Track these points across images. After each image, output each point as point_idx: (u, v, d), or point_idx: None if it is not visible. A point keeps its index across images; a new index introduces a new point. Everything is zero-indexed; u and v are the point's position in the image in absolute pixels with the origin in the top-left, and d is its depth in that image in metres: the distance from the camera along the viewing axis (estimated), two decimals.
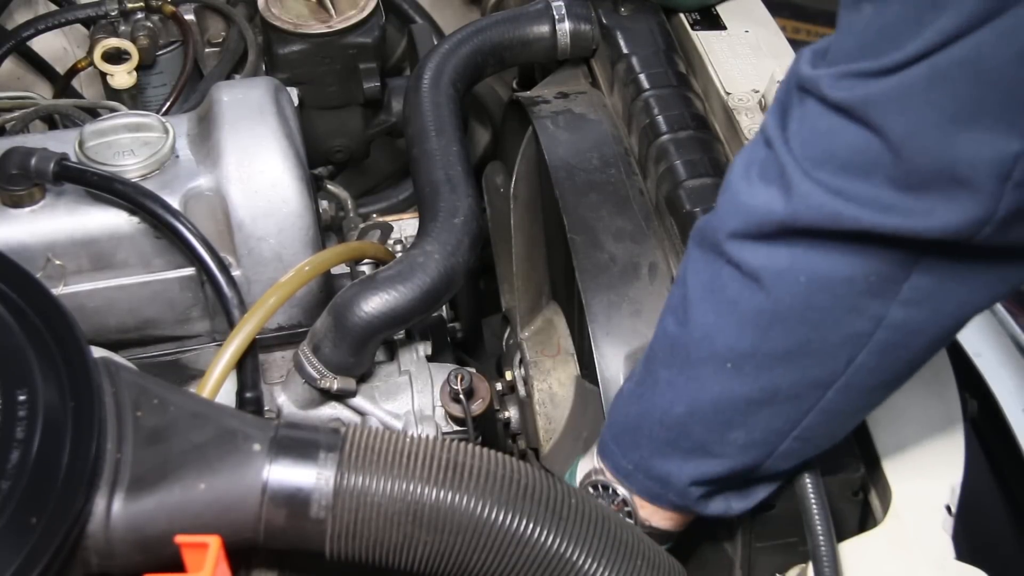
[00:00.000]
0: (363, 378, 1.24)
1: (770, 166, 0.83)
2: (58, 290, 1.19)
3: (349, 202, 1.59)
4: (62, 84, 1.83)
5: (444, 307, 1.41)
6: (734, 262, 0.87)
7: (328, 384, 1.18)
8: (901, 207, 0.77)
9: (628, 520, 1.03)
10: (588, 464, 1.08)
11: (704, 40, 1.42)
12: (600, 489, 1.05)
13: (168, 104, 1.64)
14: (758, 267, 0.86)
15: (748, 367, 0.90)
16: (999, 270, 0.82)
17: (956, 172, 0.74)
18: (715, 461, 0.96)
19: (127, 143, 1.23)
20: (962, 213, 0.75)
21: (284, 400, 1.24)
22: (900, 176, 0.76)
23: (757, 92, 1.32)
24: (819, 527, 0.97)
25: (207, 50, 1.80)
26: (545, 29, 1.49)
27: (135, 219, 1.20)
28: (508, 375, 1.46)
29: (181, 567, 0.83)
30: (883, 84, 0.75)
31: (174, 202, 1.19)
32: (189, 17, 1.77)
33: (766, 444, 0.94)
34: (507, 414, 1.42)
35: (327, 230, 1.46)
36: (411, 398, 1.25)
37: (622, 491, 1.03)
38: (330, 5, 1.70)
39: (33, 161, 1.16)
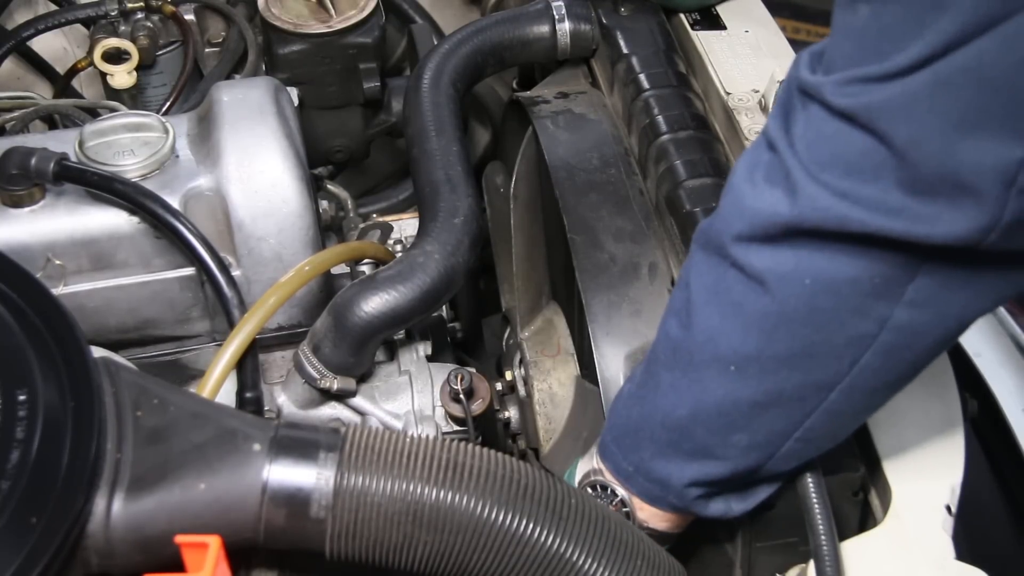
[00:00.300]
0: (363, 378, 1.24)
1: (775, 169, 0.83)
2: (58, 290, 1.19)
3: (349, 202, 1.59)
4: (62, 84, 1.83)
5: (444, 307, 1.41)
6: (739, 265, 0.87)
7: (328, 384, 1.18)
8: (908, 212, 0.77)
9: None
10: (588, 465, 1.08)
11: (704, 40, 1.42)
12: (599, 490, 1.05)
13: (168, 104, 1.64)
14: (763, 269, 0.85)
15: (752, 370, 0.90)
16: (1004, 274, 0.82)
17: (961, 179, 0.74)
18: (717, 463, 0.96)
19: (127, 143, 1.23)
20: (968, 220, 0.75)
21: (284, 400, 1.24)
22: (906, 181, 0.76)
23: (757, 92, 1.32)
24: (821, 526, 0.97)
25: (207, 50, 1.80)
26: (545, 29, 1.49)
27: (135, 219, 1.20)
28: (508, 375, 1.46)
29: (181, 567, 0.83)
30: (886, 90, 0.75)
31: (174, 202, 1.19)
32: (189, 17, 1.77)
33: (769, 446, 0.94)
34: (507, 414, 1.42)
35: (327, 230, 1.46)
36: (411, 398, 1.25)
37: (621, 492, 1.03)
38: (330, 5, 1.70)
39: (33, 161, 1.16)
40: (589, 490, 1.06)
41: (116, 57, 1.69)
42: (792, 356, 0.88)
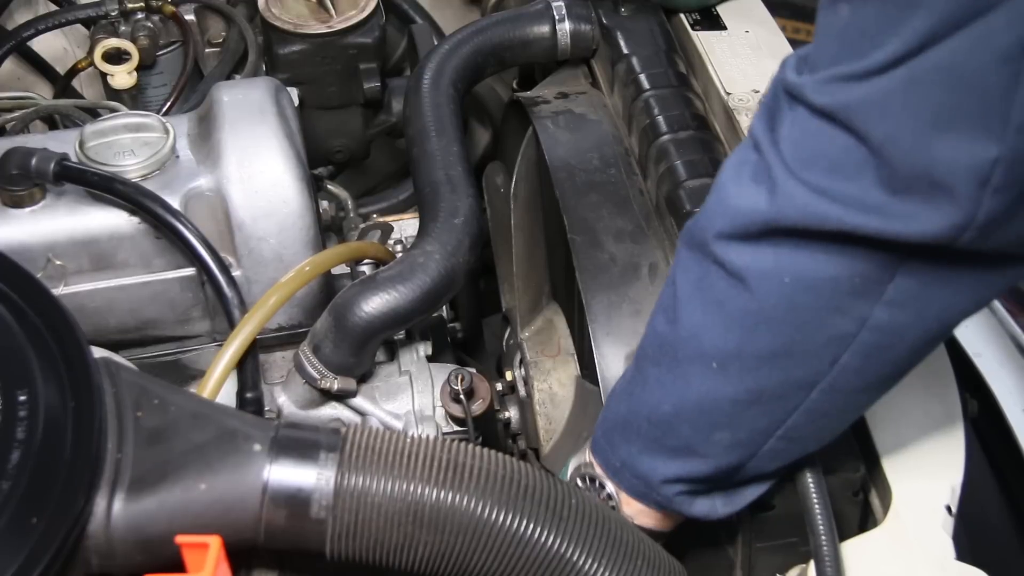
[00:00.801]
0: (363, 378, 1.24)
1: (759, 168, 0.84)
2: (58, 290, 1.19)
3: (349, 202, 1.59)
4: (62, 84, 1.83)
5: (444, 307, 1.41)
6: (720, 262, 0.88)
7: (328, 384, 1.18)
8: (885, 210, 0.77)
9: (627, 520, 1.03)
10: (580, 458, 1.09)
11: (704, 40, 1.42)
12: (588, 481, 1.06)
13: (168, 104, 1.64)
14: (743, 267, 0.86)
15: (733, 367, 0.90)
16: (983, 275, 0.82)
17: (935, 177, 0.74)
18: (700, 460, 0.97)
19: (127, 143, 1.23)
20: (942, 218, 0.76)
21: (284, 400, 1.24)
22: (884, 179, 0.77)
23: (757, 92, 1.32)
24: (821, 526, 0.97)
25: (207, 50, 1.80)
26: (545, 29, 1.49)
27: (135, 219, 1.20)
28: (508, 375, 1.46)
29: (181, 567, 0.83)
30: (864, 89, 0.75)
31: (174, 202, 1.19)
32: (189, 17, 1.76)
33: (751, 444, 0.95)
34: (507, 414, 1.42)
35: (327, 230, 1.46)
36: (411, 398, 1.25)
37: (609, 486, 1.04)
38: (330, 5, 1.70)
39: (33, 161, 1.16)
40: (579, 482, 1.06)
41: (116, 57, 1.69)
42: (772, 354, 0.89)
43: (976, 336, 1.46)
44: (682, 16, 1.48)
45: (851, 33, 0.77)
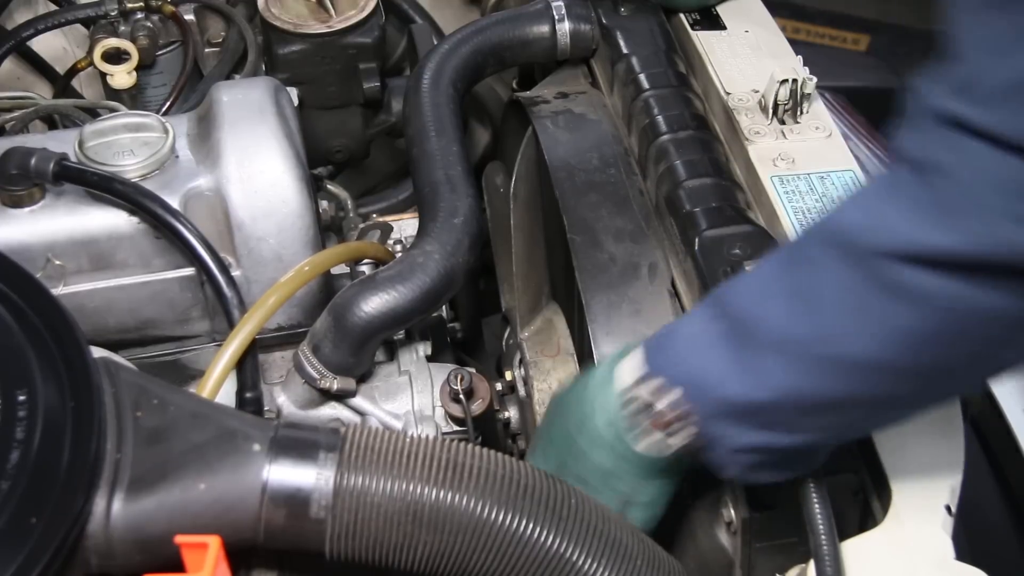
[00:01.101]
0: (363, 378, 1.24)
1: (933, 197, 0.78)
2: (58, 290, 1.19)
3: (349, 202, 1.59)
4: (62, 84, 1.83)
5: (444, 307, 1.41)
6: (879, 277, 0.82)
7: (328, 384, 1.18)
8: None
9: (630, 524, 1.02)
10: (637, 369, 1.00)
11: (704, 40, 1.42)
12: (644, 408, 0.98)
13: (168, 104, 1.64)
14: (908, 290, 0.80)
15: (872, 376, 0.86)
16: None
17: None
18: (787, 436, 0.92)
19: (127, 143, 1.23)
20: None
21: (284, 400, 1.24)
22: None
23: (757, 92, 1.32)
24: (821, 526, 0.97)
25: (207, 50, 1.80)
26: (545, 29, 1.49)
27: (135, 219, 1.20)
28: (508, 375, 1.46)
29: (181, 567, 0.83)
30: None
31: (174, 202, 1.19)
32: (189, 17, 1.76)
33: (852, 430, 0.92)
34: (507, 414, 1.42)
35: (327, 230, 1.46)
36: (411, 398, 1.25)
37: (663, 405, 0.96)
38: (330, 5, 1.70)
39: (33, 161, 1.16)
40: (631, 406, 0.99)
41: (116, 57, 1.69)
42: (919, 373, 0.85)
43: None
44: (682, 16, 1.47)
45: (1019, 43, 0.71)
